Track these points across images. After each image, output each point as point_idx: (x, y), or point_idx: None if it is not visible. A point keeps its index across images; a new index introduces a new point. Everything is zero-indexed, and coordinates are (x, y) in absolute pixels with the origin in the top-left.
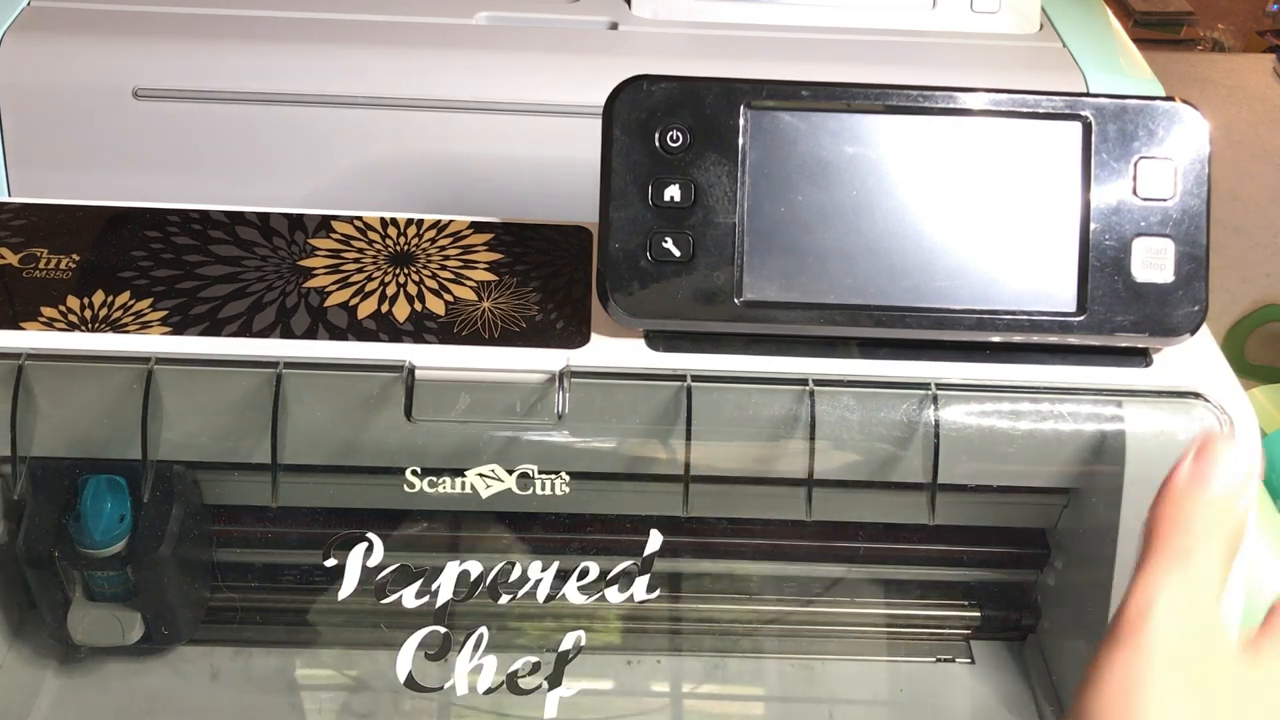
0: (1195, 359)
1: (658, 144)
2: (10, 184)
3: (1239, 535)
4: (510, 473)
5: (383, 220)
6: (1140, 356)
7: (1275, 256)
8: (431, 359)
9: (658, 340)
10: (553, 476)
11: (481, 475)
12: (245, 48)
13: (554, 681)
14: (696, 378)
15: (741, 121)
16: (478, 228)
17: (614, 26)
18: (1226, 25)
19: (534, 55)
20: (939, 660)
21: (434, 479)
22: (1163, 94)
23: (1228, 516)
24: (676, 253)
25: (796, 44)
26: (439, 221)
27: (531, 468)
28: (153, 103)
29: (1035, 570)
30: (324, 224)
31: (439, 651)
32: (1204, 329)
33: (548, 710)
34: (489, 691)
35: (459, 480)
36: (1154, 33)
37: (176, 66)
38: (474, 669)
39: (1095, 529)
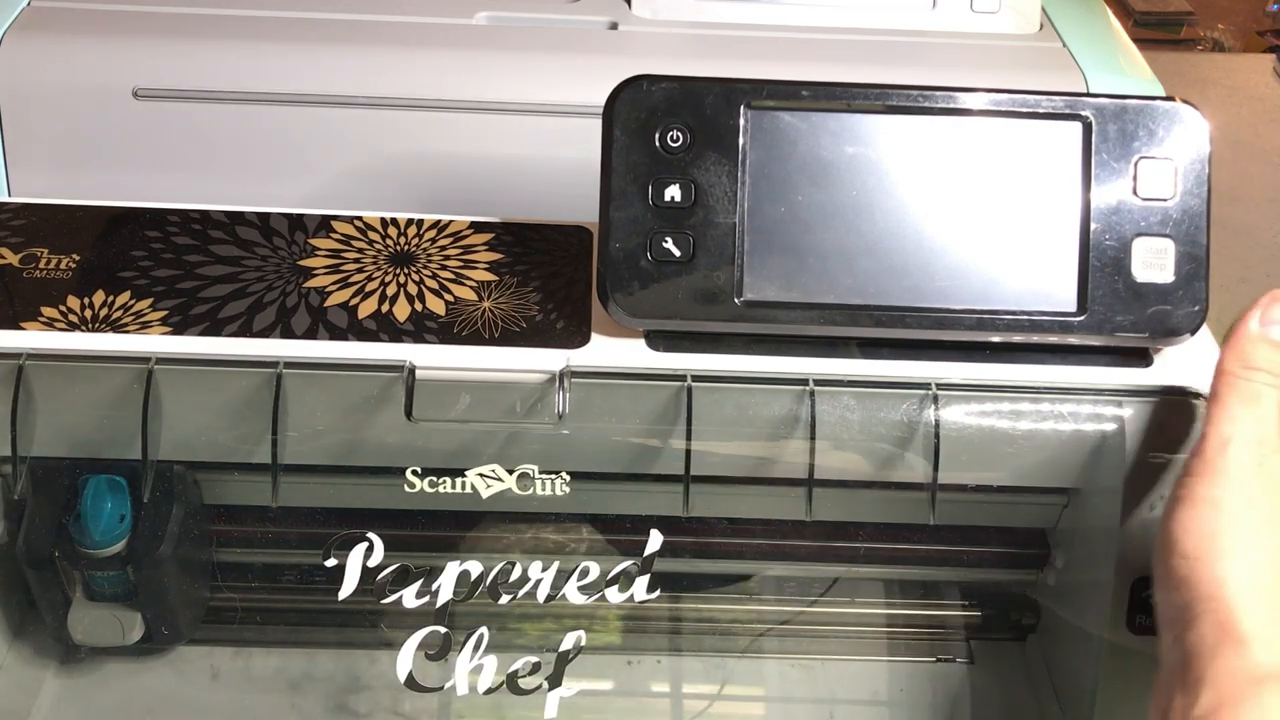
0: (1196, 359)
1: (658, 144)
2: (10, 184)
3: None
4: (510, 473)
5: (383, 220)
6: (1140, 356)
7: (1275, 256)
8: (432, 359)
9: (658, 340)
10: (553, 476)
11: (481, 475)
12: (245, 48)
13: (554, 681)
14: (697, 378)
15: (741, 121)
16: (478, 228)
17: (614, 26)
18: (1226, 25)
19: (534, 55)
20: (939, 660)
21: (434, 479)
22: (1163, 94)
23: None
24: (676, 253)
25: (796, 44)
26: (439, 221)
27: (532, 468)
28: (153, 103)
29: (1035, 570)
30: (324, 224)
31: (439, 651)
32: (1204, 329)
33: (548, 710)
34: (489, 691)
35: (459, 480)
36: (1154, 33)
37: (176, 66)
38: (474, 669)
39: (1095, 529)
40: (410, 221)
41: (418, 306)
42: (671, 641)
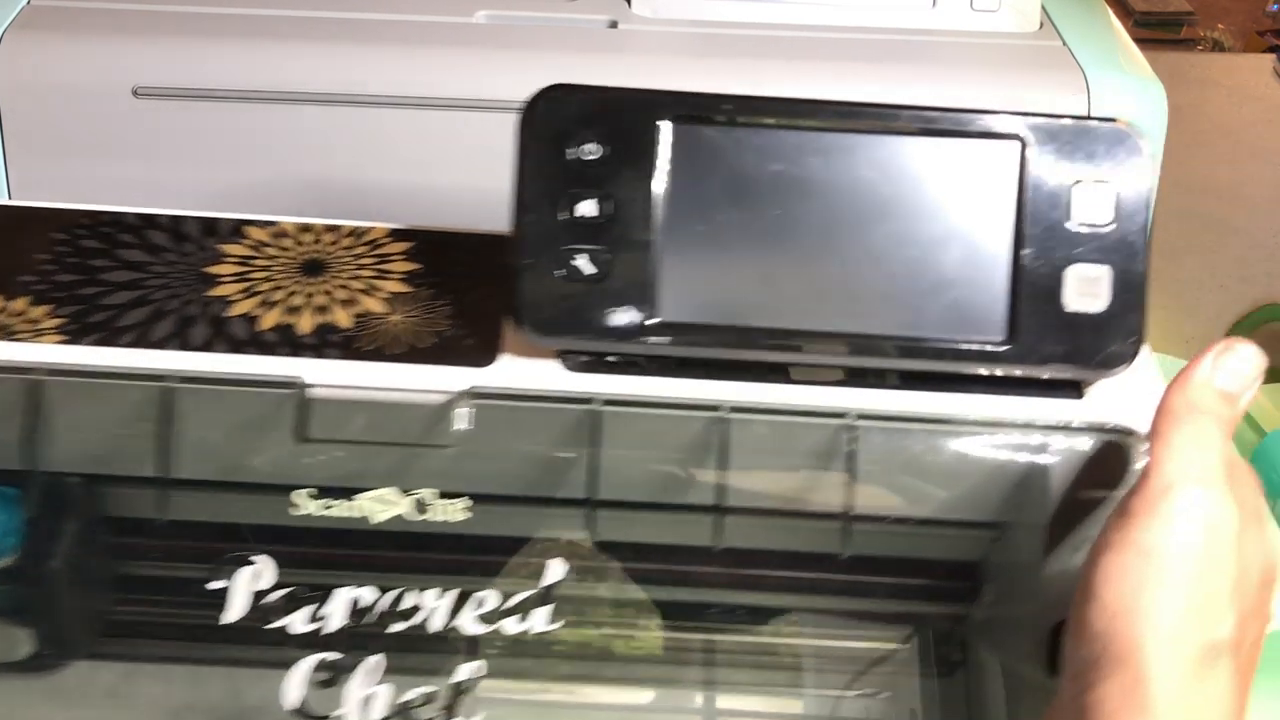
0: (1129, 393)
1: (574, 157)
2: (10, 183)
3: (1233, 429)
4: (407, 496)
5: (300, 226)
6: (1072, 389)
7: (1275, 256)
8: (331, 376)
9: (570, 361)
10: (452, 501)
11: (376, 499)
12: (246, 47)
13: (450, 713)
14: (607, 401)
15: (662, 135)
16: (398, 235)
17: (614, 25)
18: (1226, 25)
19: (534, 54)
20: (862, 695)
21: (327, 501)
22: (1107, 116)
23: (1235, 410)
24: (591, 271)
25: (796, 43)
26: (358, 229)
27: (430, 492)
28: (153, 102)
29: (965, 604)
30: (237, 229)
31: (329, 679)
32: (1144, 362)
33: None
34: None
35: (352, 503)
36: (1154, 33)
37: (176, 66)
38: (366, 698)
39: (1022, 565)
40: (329, 228)
41: (324, 319)
42: (574, 671)
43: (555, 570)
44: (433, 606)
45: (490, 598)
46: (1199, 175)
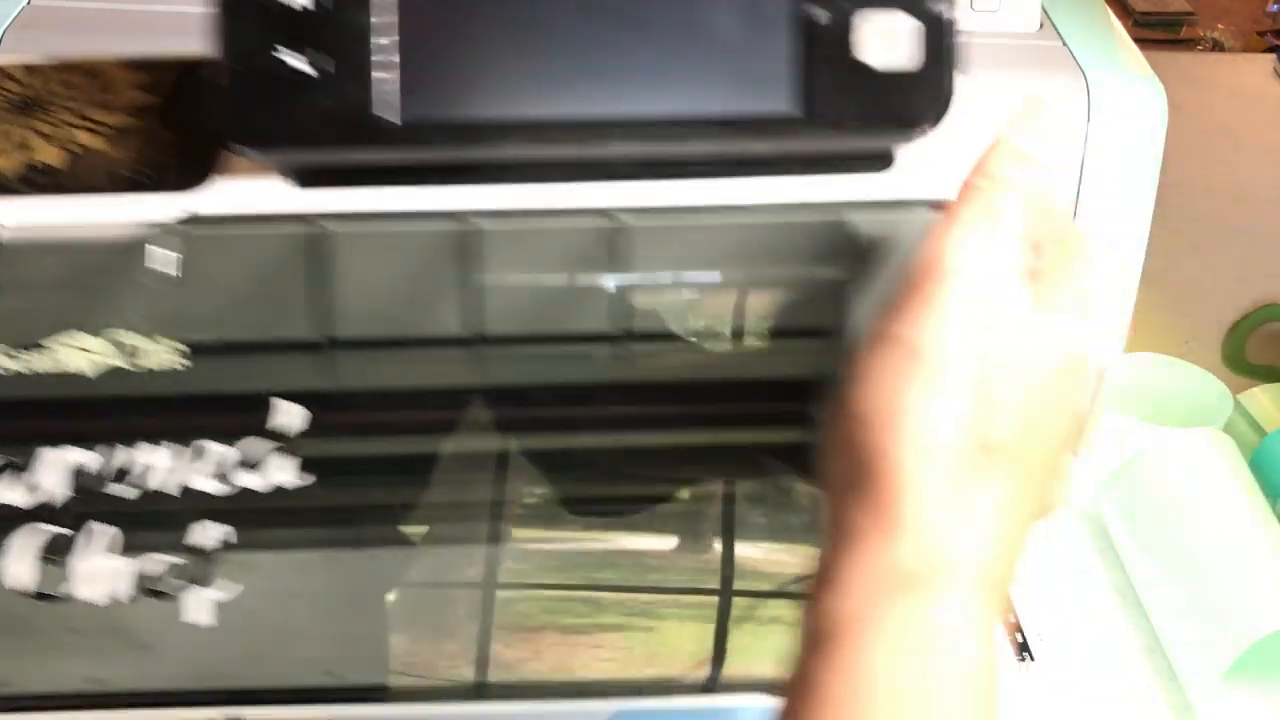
0: (944, 159)
1: None
2: None
3: (1043, 202)
4: (119, 345)
5: (25, 68)
6: (878, 160)
7: (1275, 256)
8: (26, 216)
9: (297, 176)
10: (172, 347)
11: (84, 350)
12: None
13: (199, 582)
14: (339, 218)
15: None
16: (131, 66)
17: None
18: (1226, 25)
19: None
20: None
21: (28, 356)
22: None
23: (1039, 172)
24: (307, 69)
25: None
26: (88, 64)
27: (145, 338)
28: None
29: (800, 429)
30: None
31: (55, 553)
32: (960, 121)
33: (196, 615)
34: (131, 600)
35: (56, 357)
36: (1154, 33)
37: None
38: (100, 572)
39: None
40: (59, 67)
41: (27, 157)
42: (332, 532)
43: (294, 418)
44: (164, 466)
45: (226, 453)
46: (1199, 175)
